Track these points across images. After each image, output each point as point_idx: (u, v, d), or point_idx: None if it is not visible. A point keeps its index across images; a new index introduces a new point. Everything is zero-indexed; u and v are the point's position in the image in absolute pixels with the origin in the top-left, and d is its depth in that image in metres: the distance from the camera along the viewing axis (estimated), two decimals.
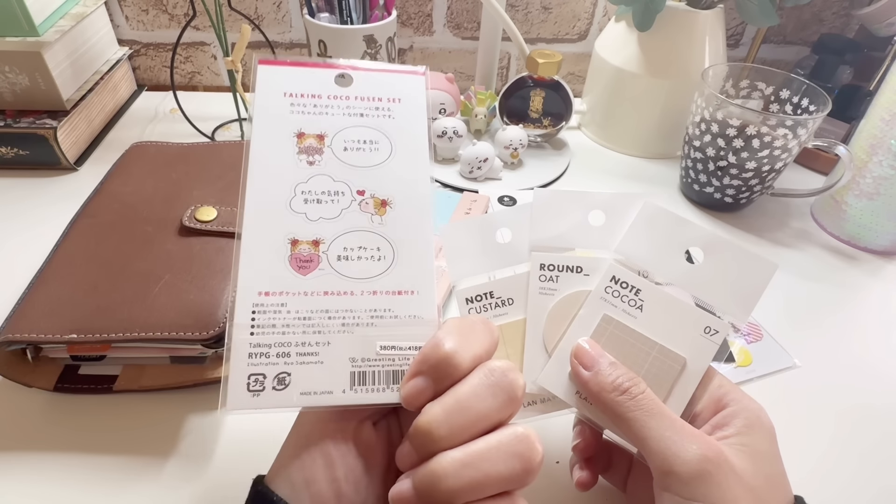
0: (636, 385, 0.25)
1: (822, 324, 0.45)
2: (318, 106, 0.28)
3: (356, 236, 0.27)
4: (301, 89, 0.28)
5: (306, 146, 0.28)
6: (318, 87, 0.28)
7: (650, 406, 0.24)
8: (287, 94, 0.28)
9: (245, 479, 0.24)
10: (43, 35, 0.54)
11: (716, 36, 0.58)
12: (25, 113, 0.55)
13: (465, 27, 0.72)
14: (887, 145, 0.47)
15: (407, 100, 0.29)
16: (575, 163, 0.62)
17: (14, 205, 0.51)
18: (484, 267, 0.29)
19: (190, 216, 0.40)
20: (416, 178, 0.28)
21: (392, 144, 0.28)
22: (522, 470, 0.22)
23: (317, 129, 0.28)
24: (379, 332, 0.25)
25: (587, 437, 0.30)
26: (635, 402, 0.24)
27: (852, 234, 0.52)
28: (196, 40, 0.71)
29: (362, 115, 0.29)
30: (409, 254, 0.27)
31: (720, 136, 0.50)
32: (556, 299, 0.28)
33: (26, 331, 0.33)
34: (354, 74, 0.29)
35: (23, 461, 0.33)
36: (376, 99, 0.29)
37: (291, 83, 0.28)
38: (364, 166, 0.28)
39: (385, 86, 0.29)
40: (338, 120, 0.28)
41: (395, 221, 0.27)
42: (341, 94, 0.29)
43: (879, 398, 0.39)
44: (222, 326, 0.34)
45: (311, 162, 0.27)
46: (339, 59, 0.29)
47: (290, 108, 0.28)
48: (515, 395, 0.22)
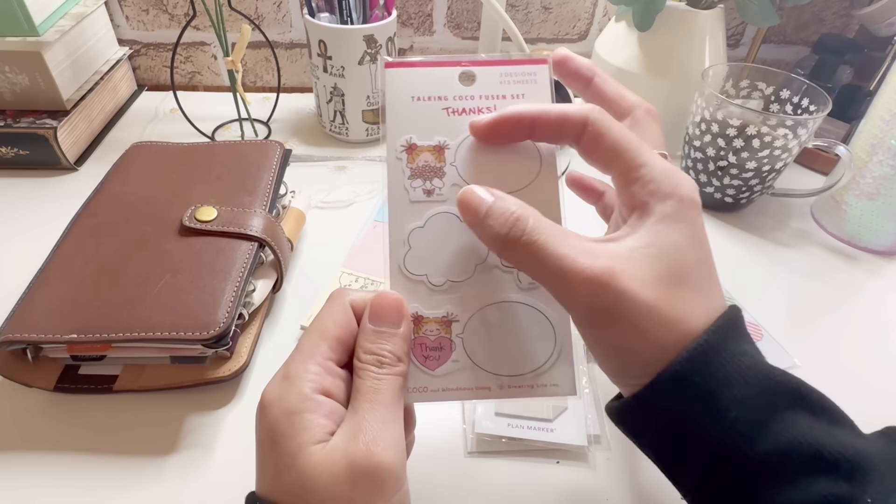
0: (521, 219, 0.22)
1: (822, 324, 0.45)
2: (446, 110, 0.24)
3: (500, 310, 0.22)
4: (428, 91, 0.24)
5: (420, 167, 0.23)
6: (443, 87, 0.24)
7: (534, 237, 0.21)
8: (415, 99, 0.24)
9: (245, 479, 0.24)
10: (43, 35, 0.54)
11: (716, 36, 0.58)
12: (25, 113, 0.55)
13: (465, 27, 0.72)
14: (887, 145, 0.47)
15: (532, 95, 0.25)
16: (575, 163, 0.62)
17: (14, 205, 0.51)
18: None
19: (190, 216, 0.40)
20: (553, 200, 0.23)
21: (540, 153, 0.24)
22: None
23: (436, 139, 0.24)
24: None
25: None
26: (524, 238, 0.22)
27: (852, 234, 0.52)
28: (196, 40, 0.71)
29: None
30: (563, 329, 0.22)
31: (720, 136, 0.50)
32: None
33: (26, 331, 0.33)
34: (477, 71, 0.25)
35: (23, 461, 0.33)
36: (500, 97, 0.25)
37: (418, 85, 0.24)
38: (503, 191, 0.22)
39: (508, 82, 0.25)
40: (463, 126, 0.24)
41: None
42: (466, 95, 0.25)
43: (879, 398, 0.39)
44: (222, 326, 0.34)
45: (427, 191, 0.23)
46: (463, 56, 0.25)
47: (419, 115, 0.24)
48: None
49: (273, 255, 0.41)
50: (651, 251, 0.22)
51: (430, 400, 0.23)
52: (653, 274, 0.21)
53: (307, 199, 0.51)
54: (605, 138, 0.23)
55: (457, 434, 0.35)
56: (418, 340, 0.23)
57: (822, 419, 0.22)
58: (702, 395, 0.21)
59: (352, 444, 0.20)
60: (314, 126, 0.65)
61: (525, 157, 0.24)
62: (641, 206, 0.23)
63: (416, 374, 0.23)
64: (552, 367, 0.23)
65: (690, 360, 0.21)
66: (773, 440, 0.21)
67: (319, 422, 0.21)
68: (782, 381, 0.22)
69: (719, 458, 0.22)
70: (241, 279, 0.37)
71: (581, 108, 0.23)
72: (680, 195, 0.22)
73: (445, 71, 0.25)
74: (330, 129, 0.62)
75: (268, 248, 0.40)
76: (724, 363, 0.21)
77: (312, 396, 0.21)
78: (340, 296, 0.24)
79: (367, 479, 0.20)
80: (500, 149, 0.24)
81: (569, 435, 0.34)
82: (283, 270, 0.42)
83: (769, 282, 0.48)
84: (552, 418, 0.35)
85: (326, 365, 0.22)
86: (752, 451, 0.21)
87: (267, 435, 0.21)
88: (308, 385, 0.21)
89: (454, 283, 0.23)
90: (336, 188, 0.56)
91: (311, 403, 0.21)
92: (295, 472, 0.20)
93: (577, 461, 0.34)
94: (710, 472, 0.22)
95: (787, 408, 0.21)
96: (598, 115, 0.23)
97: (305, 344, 0.23)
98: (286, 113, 0.67)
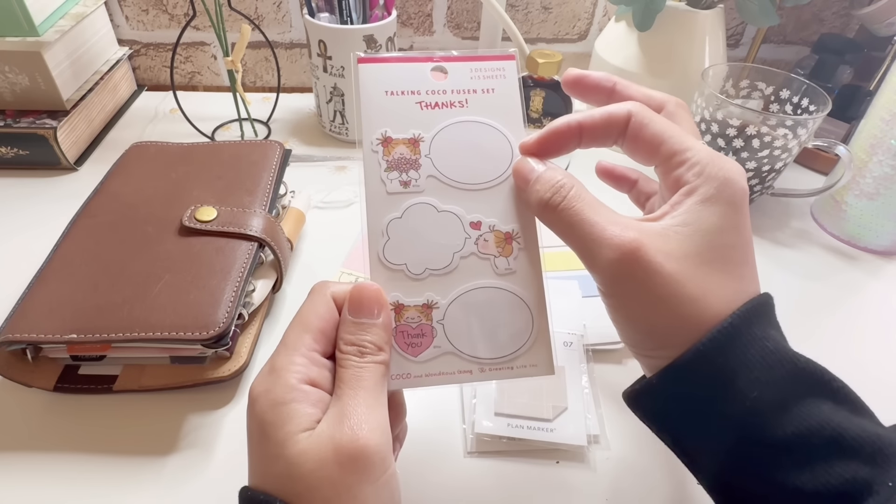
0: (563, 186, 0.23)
1: (822, 324, 0.45)
2: (419, 104, 0.25)
3: (479, 296, 0.23)
4: (401, 86, 0.25)
5: (396, 159, 0.23)
6: (415, 82, 0.25)
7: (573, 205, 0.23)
8: (389, 93, 0.25)
9: (245, 478, 0.24)
10: (43, 35, 0.54)
11: (716, 36, 0.58)
12: (25, 113, 0.55)
13: (465, 27, 0.72)
14: (887, 145, 0.47)
15: (501, 90, 0.25)
16: (575, 163, 0.62)
17: (14, 205, 0.51)
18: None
19: (190, 216, 0.40)
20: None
21: (511, 145, 0.24)
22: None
23: (410, 132, 0.24)
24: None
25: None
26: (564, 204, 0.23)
27: (852, 234, 0.52)
28: (196, 40, 0.71)
29: (462, 113, 0.25)
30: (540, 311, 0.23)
31: (720, 136, 0.50)
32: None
33: (26, 331, 0.33)
34: (448, 66, 0.25)
35: (23, 461, 0.33)
36: (471, 91, 0.25)
37: (391, 80, 0.25)
38: (474, 184, 0.23)
39: (479, 77, 0.25)
40: (437, 119, 0.24)
41: (527, 267, 0.23)
42: (438, 89, 0.25)
43: (879, 398, 0.39)
44: (222, 326, 0.34)
45: (404, 182, 0.23)
46: (433, 51, 0.26)
47: (393, 109, 0.24)
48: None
49: (273, 255, 0.41)
50: (685, 230, 0.22)
51: (413, 386, 0.23)
52: (682, 250, 0.22)
53: (307, 199, 0.51)
54: (649, 128, 0.24)
55: (456, 434, 0.35)
56: (400, 328, 0.23)
57: (845, 407, 0.22)
58: (725, 375, 0.22)
59: (337, 430, 0.21)
60: (314, 126, 0.65)
61: (496, 147, 0.25)
62: (686, 186, 0.23)
63: (399, 360, 0.23)
64: (530, 349, 0.24)
65: (713, 341, 0.22)
66: (795, 423, 0.21)
67: (306, 410, 0.21)
68: (807, 368, 0.22)
69: (739, 439, 0.22)
70: (240, 279, 0.37)
71: (622, 105, 0.24)
72: (725, 178, 0.23)
73: (417, 66, 0.25)
74: (330, 129, 0.62)
75: (268, 248, 0.40)
76: (749, 346, 0.22)
77: (298, 387, 0.21)
78: (322, 288, 0.24)
79: (354, 462, 0.20)
80: (471, 141, 0.25)
81: (568, 435, 0.34)
82: (282, 270, 0.42)
83: (769, 282, 0.48)
84: (552, 418, 0.35)
85: (311, 356, 0.23)
86: (774, 433, 0.21)
87: (256, 427, 0.22)
88: (294, 376, 0.22)
89: (433, 272, 0.23)
90: (336, 188, 0.56)
91: (298, 393, 0.21)
92: (283, 461, 0.20)
93: (576, 461, 0.34)
94: (729, 455, 0.22)
95: (809, 393, 0.22)
96: (640, 108, 0.24)
97: (289, 337, 0.23)
98: (286, 113, 0.67)
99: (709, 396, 0.22)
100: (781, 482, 0.21)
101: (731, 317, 0.22)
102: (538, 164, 0.24)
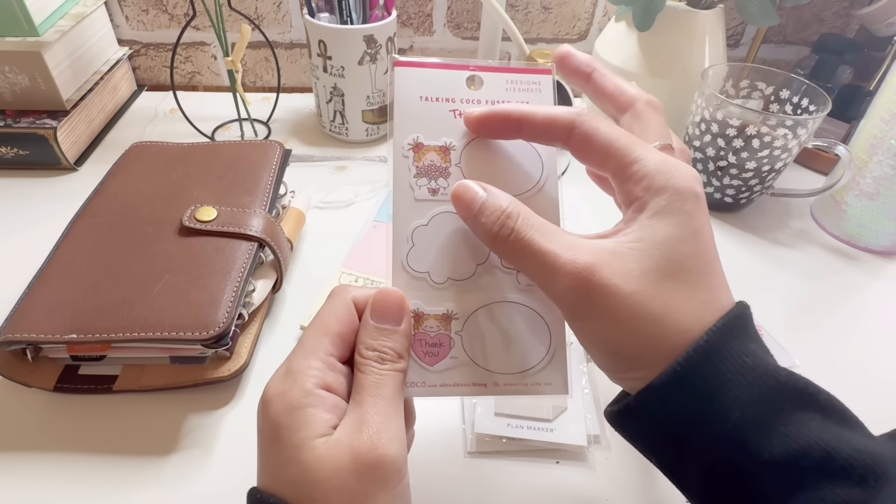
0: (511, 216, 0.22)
1: (822, 324, 0.45)
2: (453, 112, 0.24)
3: (499, 310, 0.23)
4: (436, 92, 0.25)
5: (426, 165, 0.23)
6: (450, 89, 0.25)
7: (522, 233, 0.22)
8: (423, 99, 0.24)
9: (245, 478, 0.24)
10: (43, 35, 0.54)
11: (716, 36, 0.58)
12: (25, 113, 0.55)
13: (465, 27, 0.72)
14: (887, 145, 0.47)
15: (535, 103, 0.25)
16: (575, 163, 0.62)
17: (14, 205, 0.51)
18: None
19: (190, 216, 0.40)
20: (555, 204, 0.24)
21: (542, 160, 0.24)
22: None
23: (442, 140, 0.24)
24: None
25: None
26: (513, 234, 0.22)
27: (852, 234, 0.52)
28: (196, 40, 0.71)
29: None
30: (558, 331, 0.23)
31: (720, 136, 0.50)
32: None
33: (26, 331, 0.33)
34: (485, 76, 0.25)
35: (23, 461, 0.33)
36: (504, 103, 0.25)
37: (427, 85, 0.25)
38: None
39: (514, 89, 0.26)
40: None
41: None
42: (473, 98, 0.25)
43: (880, 398, 0.39)
44: (222, 326, 0.34)
45: (433, 190, 0.23)
46: (470, 60, 0.26)
47: (427, 114, 0.24)
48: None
49: (273, 255, 0.41)
50: (640, 245, 0.22)
51: (428, 395, 0.23)
52: (640, 268, 0.21)
53: (307, 199, 0.51)
54: (594, 139, 0.23)
55: (457, 434, 0.35)
56: (418, 336, 0.23)
57: (832, 420, 0.21)
58: (703, 396, 0.21)
59: (356, 438, 0.20)
60: (314, 126, 0.65)
61: (527, 161, 0.25)
62: (636, 202, 0.23)
63: (416, 369, 0.23)
64: (546, 367, 0.24)
65: (689, 361, 0.21)
66: (781, 443, 0.20)
67: (322, 416, 0.21)
68: (788, 383, 0.21)
69: (723, 462, 0.21)
70: (240, 279, 0.37)
71: (568, 112, 0.23)
72: (675, 187, 0.22)
73: (454, 73, 0.25)
74: (330, 129, 0.62)
75: (267, 248, 0.40)
76: (726, 363, 0.21)
77: (315, 391, 0.21)
78: (342, 292, 0.24)
79: (371, 471, 0.20)
80: (503, 152, 0.25)
81: (568, 435, 0.34)
82: (282, 270, 0.42)
83: (769, 282, 0.48)
84: (552, 418, 0.35)
85: (328, 360, 0.22)
86: (759, 455, 0.20)
87: (269, 429, 0.21)
88: (310, 380, 0.22)
89: (455, 282, 0.23)
90: (336, 188, 0.56)
91: (314, 398, 0.21)
92: (298, 466, 0.20)
93: (576, 461, 0.34)
94: (714, 477, 0.22)
95: (795, 409, 0.21)
96: (585, 118, 0.23)
97: (307, 340, 0.23)
98: (286, 113, 0.67)
99: (688, 419, 0.21)
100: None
101: (706, 333, 0.21)
102: (479, 189, 0.22)
